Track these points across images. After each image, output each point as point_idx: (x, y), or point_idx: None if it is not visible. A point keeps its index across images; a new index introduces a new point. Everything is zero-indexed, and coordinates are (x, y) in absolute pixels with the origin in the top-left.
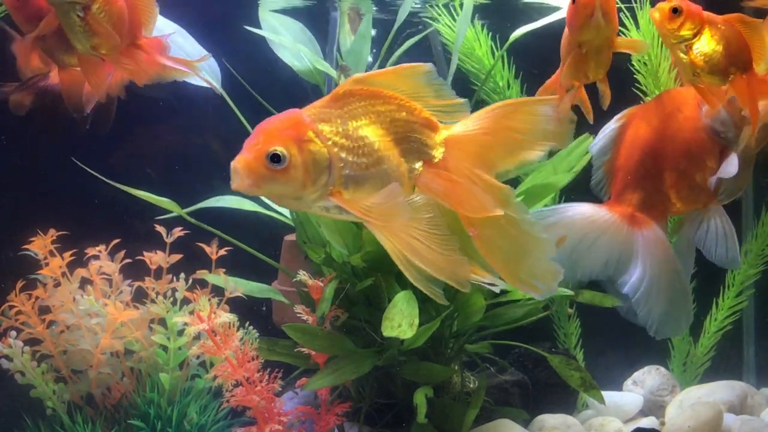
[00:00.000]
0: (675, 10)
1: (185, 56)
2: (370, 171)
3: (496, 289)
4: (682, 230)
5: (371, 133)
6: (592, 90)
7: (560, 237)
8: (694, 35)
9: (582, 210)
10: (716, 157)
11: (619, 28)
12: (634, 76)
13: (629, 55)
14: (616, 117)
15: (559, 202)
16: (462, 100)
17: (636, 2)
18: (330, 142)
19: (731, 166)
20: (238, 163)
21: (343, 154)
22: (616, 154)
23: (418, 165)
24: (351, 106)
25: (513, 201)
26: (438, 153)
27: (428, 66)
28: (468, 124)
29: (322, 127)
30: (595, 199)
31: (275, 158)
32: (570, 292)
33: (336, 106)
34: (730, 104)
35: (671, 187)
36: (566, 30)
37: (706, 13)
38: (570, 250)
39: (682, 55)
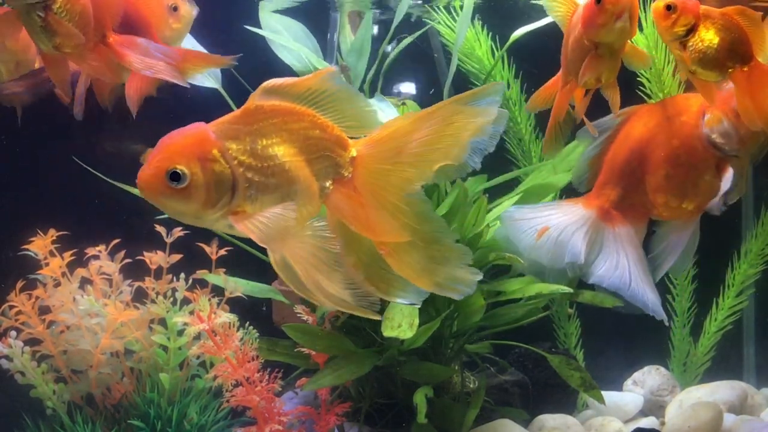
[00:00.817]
0: (669, 7)
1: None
2: (278, 192)
3: (414, 303)
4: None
5: (282, 152)
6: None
7: (541, 229)
8: (688, 31)
9: (558, 206)
10: (711, 169)
11: None
12: (638, 79)
13: None
14: (611, 115)
15: None
16: (372, 109)
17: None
18: (236, 162)
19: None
20: (139, 177)
21: (250, 174)
22: (606, 149)
23: (329, 183)
24: (263, 123)
25: (428, 215)
26: (348, 172)
27: (334, 70)
28: (380, 139)
29: (229, 145)
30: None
31: (175, 177)
32: (570, 290)
33: (247, 122)
34: (736, 116)
35: (654, 191)
36: (575, 30)
37: (704, 8)
38: (547, 246)
39: (678, 51)
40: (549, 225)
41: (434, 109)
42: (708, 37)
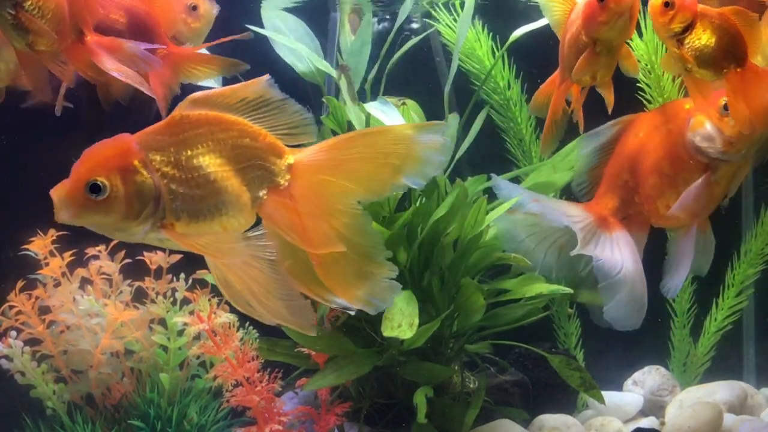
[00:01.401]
0: (667, 4)
1: None
2: (205, 203)
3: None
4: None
5: (208, 162)
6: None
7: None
8: (685, 29)
9: (561, 205)
10: (700, 175)
11: None
12: (638, 84)
13: None
14: (611, 122)
15: None
16: (309, 118)
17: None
18: (159, 173)
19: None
20: (55, 193)
21: (174, 186)
22: (605, 158)
23: (262, 192)
24: (188, 133)
25: (364, 228)
26: (284, 179)
27: (266, 80)
28: (320, 149)
29: (152, 156)
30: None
31: (95, 188)
32: (570, 291)
33: (171, 132)
34: (721, 120)
35: (647, 200)
36: (572, 27)
37: (701, 7)
38: (541, 241)
39: (674, 48)
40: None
41: (380, 129)
42: (705, 35)
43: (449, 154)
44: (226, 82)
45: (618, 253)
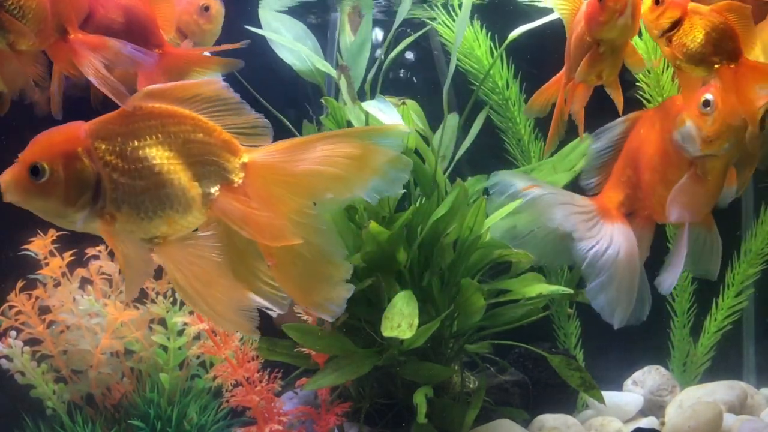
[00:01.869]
0: (657, 1)
1: None
2: (148, 195)
3: (273, 314)
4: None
5: (155, 154)
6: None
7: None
8: (674, 25)
9: (568, 195)
10: (687, 171)
11: None
12: (637, 83)
13: None
14: (620, 118)
15: None
16: (264, 121)
17: None
18: (102, 162)
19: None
20: (3, 176)
21: (116, 176)
22: (615, 155)
23: (215, 189)
24: (139, 124)
25: (321, 229)
26: (237, 177)
27: (221, 81)
28: (276, 149)
29: (98, 145)
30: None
31: (35, 171)
32: (570, 291)
33: (122, 122)
34: (700, 118)
35: (646, 196)
36: (578, 28)
37: (692, 4)
38: (547, 230)
39: (663, 46)
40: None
41: (337, 133)
42: (693, 32)
43: (407, 173)
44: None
45: (612, 240)
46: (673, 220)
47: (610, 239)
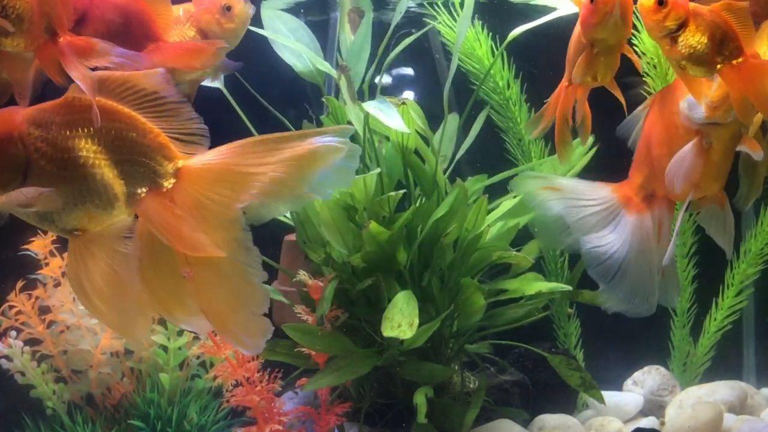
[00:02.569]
0: (660, 2)
1: None
2: (69, 186)
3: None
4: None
5: (82, 146)
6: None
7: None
8: (679, 27)
9: (590, 186)
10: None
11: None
12: (644, 78)
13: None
14: (642, 104)
15: None
16: (201, 127)
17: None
18: (33, 148)
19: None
20: None
21: (43, 163)
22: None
23: (141, 190)
24: (75, 115)
25: (245, 244)
26: (168, 182)
27: (162, 73)
28: (213, 156)
29: (33, 131)
30: None
31: None
32: (569, 288)
33: (60, 112)
34: (706, 84)
35: (660, 173)
36: (576, 30)
37: (692, 4)
38: (573, 221)
39: (667, 47)
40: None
41: (276, 137)
42: (698, 33)
43: (355, 160)
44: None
45: (622, 240)
46: (677, 192)
47: (621, 239)
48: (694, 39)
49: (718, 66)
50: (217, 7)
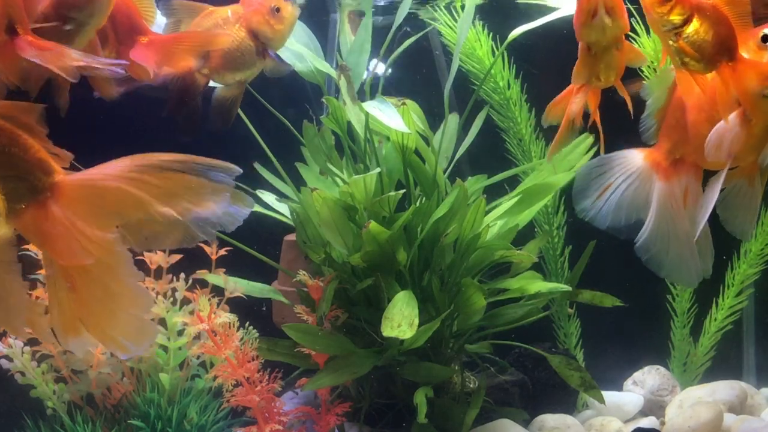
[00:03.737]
0: None
1: None
2: None
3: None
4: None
5: None
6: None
7: (605, 186)
8: (685, 21)
9: (623, 155)
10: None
11: (631, 33)
12: (644, 81)
13: None
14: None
15: (559, 202)
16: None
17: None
18: None
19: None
20: None
21: None
22: (668, 103)
23: (21, 205)
24: None
25: (119, 253)
26: (45, 197)
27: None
28: (93, 174)
29: None
30: None
31: None
32: (569, 288)
33: None
34: (758, 53)
35: (692, 139)
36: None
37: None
38: (609, 194)
39: (670, 42)
40: (611, 183)
41: (166, 161)
42: (703, 28)
43: (244, 209)
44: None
45: (661, 211)
46: (710, 159)
47: (657, 206)
48: (698, 35)
49: (718, 63)
50: (267, 8)
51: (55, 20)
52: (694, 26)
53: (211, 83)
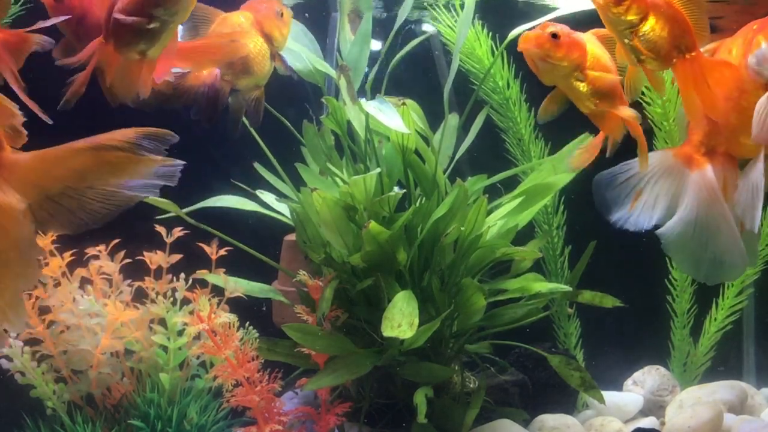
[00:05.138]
0: None
1: None
2: None
3: None
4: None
5: None
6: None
7: (637, 191)
8: (641, 20)
9: (651, 157)
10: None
11: None
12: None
13: None
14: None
15: (559, 202)
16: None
17: None
18: None
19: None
20: None
21: None
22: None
23: None
24: None
25: (29, 239)
26: None
27: None
28: (38, 154)
29: None
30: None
31: None
32: (569, 289)
33: None
34: None
35: (723, 129)
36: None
37: None
38: (645, 198)
39: (626, 40)
40: (643, 188)
41: (105, 140)
42: (659, 25)
43: (174, 177)
44: None
45: (689, 198)
46: (763, 140)
47: (689, 199)
48: (654, 32)
49: (674, 60)
50: (275, 12)
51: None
52: (649, 24)
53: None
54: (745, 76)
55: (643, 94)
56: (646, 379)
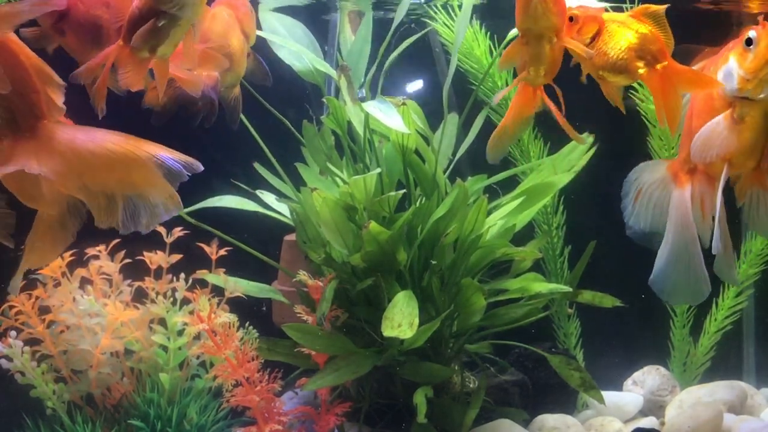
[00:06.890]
0: (571, 18)
1: None
2: None
3: None
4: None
5: None
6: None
7: (638, 190)
8: (593, 38)
9: (653, 164)
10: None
11: None
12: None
13: None
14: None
15: (559, 202)
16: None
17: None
18: None
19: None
20: None
21: None
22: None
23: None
24: None
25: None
26: (24, 136)
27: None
28: (82, 132)
29: None
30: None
31: None
32: (569, 289)
33: None
34: (742, 55)
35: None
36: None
37: (607, 14)
38: (637, 203)
39: (584, 60)
40: (641, 189)
41: (136, 155)
42: (613, 41)
43: (178, 208)
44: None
45: (672, 221)
46: (697, 158)
47: (671, 216)
48: (608, 47)
49: (641, 71)
50: (250, 9)
51: (149, 18)
52: (603, 40)
53: None
54: (714, 93)
55: (636, 90)
56: (645, 379)
